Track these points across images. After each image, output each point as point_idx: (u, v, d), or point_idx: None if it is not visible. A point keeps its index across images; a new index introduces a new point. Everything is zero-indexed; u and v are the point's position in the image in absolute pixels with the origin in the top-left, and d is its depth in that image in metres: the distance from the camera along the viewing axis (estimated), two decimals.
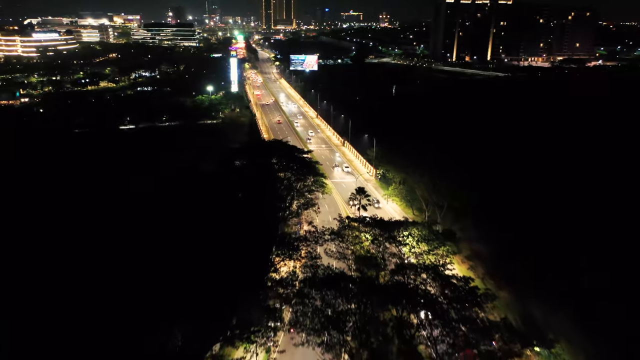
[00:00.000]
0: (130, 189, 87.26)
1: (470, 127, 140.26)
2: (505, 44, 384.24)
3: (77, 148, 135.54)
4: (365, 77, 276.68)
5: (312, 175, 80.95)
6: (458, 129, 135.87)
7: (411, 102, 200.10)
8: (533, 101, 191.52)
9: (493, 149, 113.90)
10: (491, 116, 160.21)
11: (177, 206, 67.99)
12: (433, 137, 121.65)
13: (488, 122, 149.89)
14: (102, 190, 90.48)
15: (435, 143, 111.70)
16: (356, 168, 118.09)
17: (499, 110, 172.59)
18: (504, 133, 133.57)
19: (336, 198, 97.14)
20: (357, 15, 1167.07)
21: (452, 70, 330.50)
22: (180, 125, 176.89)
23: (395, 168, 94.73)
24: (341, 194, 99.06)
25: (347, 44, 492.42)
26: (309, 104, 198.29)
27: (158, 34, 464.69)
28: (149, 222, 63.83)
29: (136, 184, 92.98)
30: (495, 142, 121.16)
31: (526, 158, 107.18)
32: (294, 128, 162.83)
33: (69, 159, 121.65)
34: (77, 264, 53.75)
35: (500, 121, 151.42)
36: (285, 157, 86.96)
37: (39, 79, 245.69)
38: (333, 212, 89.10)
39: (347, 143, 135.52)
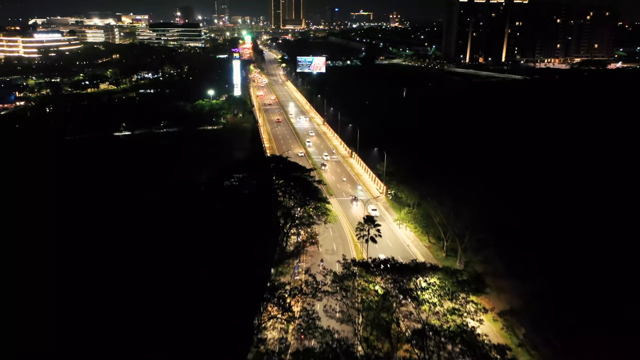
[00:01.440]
0: (101, 213, 77.44)
1: (491, 139, 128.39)
2: (521, 45, 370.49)
3: (63, 159, 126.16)
4: (375, 80, 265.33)
5: (314, 200, 70.19)
6: (477, 140, 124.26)
7: (424, 107, 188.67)
8: (560, 109, 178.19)
9: (519, 165, 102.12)
10: (514, 126, 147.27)
11: (150, 239, 57.77)
12: (449, 151, 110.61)
13: (510, 134, 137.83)
14: (74, 214, 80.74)
15: (453, 159, 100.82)
16: (364, 183, 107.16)
17: (522, 119, 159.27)
18: (529, 146, 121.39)
19: (342, 222, 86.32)
20: (367, 15, 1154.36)
21: (466, 72, 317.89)
22: (179, 132, 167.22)
23: (409, 189, 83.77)
24: (348, 217, 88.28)
25: (357, 45, 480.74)
26: (316, 109, 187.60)
27: (164, 34, 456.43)
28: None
29: (111, 207, 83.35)
30: (521, 158, 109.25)
31: (559, 177, 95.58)
32: (299, 137, 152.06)
33: (49, 172, 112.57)
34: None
35: (525, 132, 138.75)
36: (284, 178, 76.42)
37: (36, 81, 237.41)
38: (338, 239, 78.41)
39: (355, 154, 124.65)
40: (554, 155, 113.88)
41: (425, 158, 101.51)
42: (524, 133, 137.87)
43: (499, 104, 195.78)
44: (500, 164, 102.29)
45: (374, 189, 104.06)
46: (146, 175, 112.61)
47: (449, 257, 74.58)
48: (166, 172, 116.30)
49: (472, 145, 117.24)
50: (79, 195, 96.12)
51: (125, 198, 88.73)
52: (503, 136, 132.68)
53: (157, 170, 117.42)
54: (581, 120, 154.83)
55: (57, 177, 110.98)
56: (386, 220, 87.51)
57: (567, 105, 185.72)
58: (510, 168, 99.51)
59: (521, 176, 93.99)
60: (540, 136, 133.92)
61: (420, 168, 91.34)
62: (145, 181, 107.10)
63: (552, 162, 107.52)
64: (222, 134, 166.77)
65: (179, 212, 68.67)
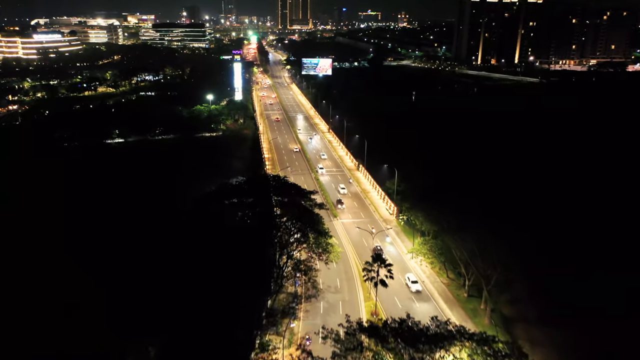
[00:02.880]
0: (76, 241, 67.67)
1: (515, 156, 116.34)
2: (534, 46, 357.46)
3: (45, 170, 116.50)
4: (383, 83, 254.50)
5: (315, 231, 59.60)
6: (499, 158, 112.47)
7: (436, 114, 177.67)
8: (588, 117, 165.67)
9: (549, 191, 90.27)
10: (539, 139, 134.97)
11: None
12: (468, 171, 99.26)
13: (535, 148, 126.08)
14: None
15: (473, 181, 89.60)
16: (373, 202, 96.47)
17: (548, 131, 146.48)
18: (558, 167, 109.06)
19: (347, 249, 75.70)
20: (375, 15, 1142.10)
21: (478, 75, 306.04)
22: (176, 139, 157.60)
23: (423, 215, 72.89)
24: (354, 243, 77.65)
25: (365, 45, 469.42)
26: (321, 115, 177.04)
27: (167, 34, 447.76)
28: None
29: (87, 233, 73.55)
30: (550, 180, 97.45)
31: (596, 206, 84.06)
32: (302, 148, 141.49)
33: (26, 185, 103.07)
34: None
35: (553, 147, 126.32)
36: (282, 204, 66.09)
37: (32, 84, 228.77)
38: (342, 274, 67.81)
39: (362, 167, 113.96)
40: (588, 177, 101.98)
41: (441, 177, 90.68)
42: (552, 148, 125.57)
43: (518, 111, 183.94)
44: (528, 188, 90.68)
45: (383, 208, 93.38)
46: (134, 192, 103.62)
47: (472, 298, 64.09)
48: (158, 185, 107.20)
49: (494, 166, 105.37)
50: (46, 215, 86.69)
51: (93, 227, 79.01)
52: (527, 153, 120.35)
53: (148, 184, 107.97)
54: (614, 131, 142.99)
55: (32, 192, 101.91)
56: (398, 247, 76.93)
57: (594, 111, 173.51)
58: (540, 194, 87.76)
59: (553, 205, 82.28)
60: (570, 153, 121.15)
61: (435, 189, 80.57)
62: (131, 200, 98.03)
63: (587, 186, 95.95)
64: (221, 142, 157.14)
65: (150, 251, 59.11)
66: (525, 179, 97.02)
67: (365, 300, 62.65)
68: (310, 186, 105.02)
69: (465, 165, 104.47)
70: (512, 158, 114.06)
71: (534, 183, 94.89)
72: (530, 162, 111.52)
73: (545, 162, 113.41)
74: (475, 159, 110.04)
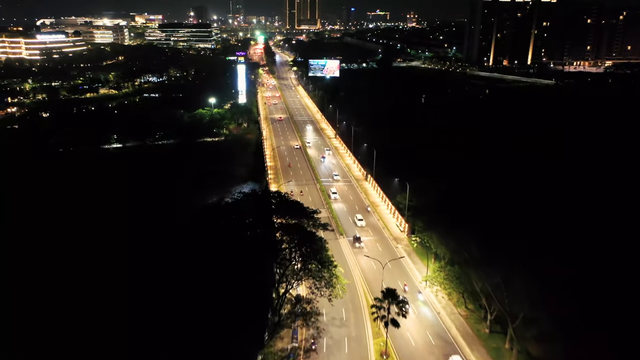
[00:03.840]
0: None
1: (538, 170, 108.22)
2: (548, 47, 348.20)
3: (39, 177, 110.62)
4: (392, 85, 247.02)
5: (318, 261, 52.65)
6: (519, 171, 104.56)
7: (447, 117, 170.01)
8: (615, 122, 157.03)
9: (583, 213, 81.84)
10: (565, 150, 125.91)
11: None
12: (487, 185, 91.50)
13: (557, 152, 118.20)
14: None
15: (493, 199, 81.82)
16: (382, 218, 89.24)
17: (574, 140, 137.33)
18: (589, 184, 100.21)
19: (354, 274, 68.59)
20: (383, 15, 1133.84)
21: (490, 76, 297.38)
22: (176, 145, 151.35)
23: (439, 237, 65.66)
24: (362, 268, 70.52)
25: (373, 46, 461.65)
26: (327, 119, 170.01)
27: (173, 34, 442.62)
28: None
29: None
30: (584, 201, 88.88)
31: None
32: (306, 151, 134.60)
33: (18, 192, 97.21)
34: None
35: (581, 160, 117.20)
36: (283, 227, 59.18)
37: (32, 85, 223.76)
38: (349, 304, 60.67)
39: (370, 178, 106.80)
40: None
41: (455, 190, 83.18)
42: (580, 162, 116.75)
43: (536, 113, 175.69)
44: (559, 209, 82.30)
45: (393, 224, 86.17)
46: (128, 204, 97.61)
47: (494, 334, 56.81)
48: (155, 196, 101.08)
49: (516, 176, 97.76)
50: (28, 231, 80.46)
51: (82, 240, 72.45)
52: (554, 166, 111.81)
53: (145, 194, 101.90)
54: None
55: (23, 199, 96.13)
56: (410, 271, 69.71)
57: (621, 117, 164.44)
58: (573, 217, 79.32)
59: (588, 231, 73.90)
60: (604, 167, 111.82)
61: (450, 205, 73.20)
62: (124, 213, 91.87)
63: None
64: (223, 147, 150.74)
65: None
66: (553, 195, 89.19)
67: (374, 336, 55.61)
68: (315, 199, 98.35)
69: (483, 174, 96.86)
70: (537, 169, 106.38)
71: (566, 200, 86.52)
72: (558, 172, 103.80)
73: (574, 170, 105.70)
74: (494, 168, 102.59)
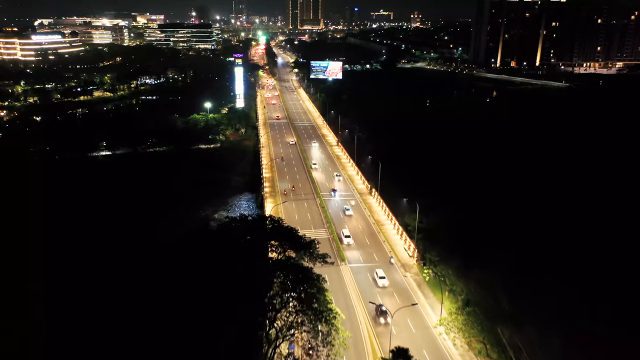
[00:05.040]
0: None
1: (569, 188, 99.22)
2: (557, 48, 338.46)
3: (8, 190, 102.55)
4: (397, 87, 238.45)
5: (314, 312, 43.89)
6: (545, 190, 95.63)
7: (453, 122, 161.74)
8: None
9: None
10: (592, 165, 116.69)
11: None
12: (506, 205, 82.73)
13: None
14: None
15: (515, 225, 73.13)
16: (388, 239, 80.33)
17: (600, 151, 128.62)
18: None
19: (357, 309, 59.82)
20: (387, 15, 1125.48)
21: (498, 78, 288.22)
22: (169, 152, 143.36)
23: (455, 272, 56.99)
24: (366, 302, 61.70)
25: (377, 47, 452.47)
26: (329, 124, 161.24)
27: (173, 35, 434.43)
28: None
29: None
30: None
31: None
32: (306, 163, 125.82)
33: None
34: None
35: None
36: (276, 265, 50.50)
37: (24, 88, 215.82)
38: (350, 349, 51.95)
39: (375, 192, 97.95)
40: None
41: (470, 211, 74.54)
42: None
43: (552, 120, 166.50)
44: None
45: (400, 247, 77.27)
46: (113, 218, 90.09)
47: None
48: (143, 209, 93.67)
49: (542, 203, 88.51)
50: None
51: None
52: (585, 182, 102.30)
53: (132, 208, 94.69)
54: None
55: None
56: (422, 308, 60.81)
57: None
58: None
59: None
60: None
61: (466, 230, 64.59)
62: (107, 229, 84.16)
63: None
64: (219, 155, 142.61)
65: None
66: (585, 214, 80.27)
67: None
68: (314, 216, 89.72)
69: (498, 189, 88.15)
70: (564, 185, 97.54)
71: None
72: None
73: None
74: (511, 181, 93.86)
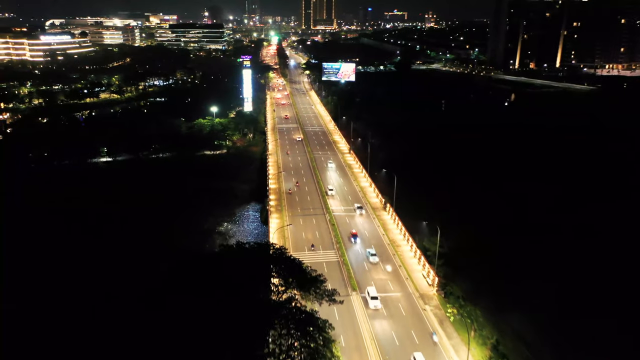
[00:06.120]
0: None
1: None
2: (578, 49, 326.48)
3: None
4: (412, 89, 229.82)
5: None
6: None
7: (472, 127, 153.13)
8: None
9: None
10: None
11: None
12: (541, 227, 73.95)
13: None
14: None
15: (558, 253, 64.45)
16: (405, 263, 72.25)
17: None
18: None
19: (369, 351, 51.93)
20: (401, 15, 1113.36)
21: (517, 80, 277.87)
22: (172, 158, 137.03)
23: (483, 313, 48.87)
24: (381, 346, 53.70)
25: (391, 47, 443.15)
26: (341, 129, 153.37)
27: (183, 35, 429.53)
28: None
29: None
30: None
31: None
32: (313, 166, 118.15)
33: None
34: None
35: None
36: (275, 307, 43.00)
37: (29, 90, 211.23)
38: None
39: (390, 208, 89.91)
40: None
41: (500, 232, 66.22)
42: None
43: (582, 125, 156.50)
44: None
45: (418, 274, 69.13)
46: (106, 231, 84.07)
47: None
48: (141, 221, 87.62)
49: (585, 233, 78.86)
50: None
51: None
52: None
53: (129, 219, 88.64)
54: None
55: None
56: (443, 347, 52.76)
57: None
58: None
59: None
60: None
61: (495, 258, 56.42)
62: (98, 244, 77.98)
63: None
64: (225, 161, 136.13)
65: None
66: None
67: None
68: (323, 233, 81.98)
69: (526, 206, 79.60)
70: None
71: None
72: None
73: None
74: (541, 200, 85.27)
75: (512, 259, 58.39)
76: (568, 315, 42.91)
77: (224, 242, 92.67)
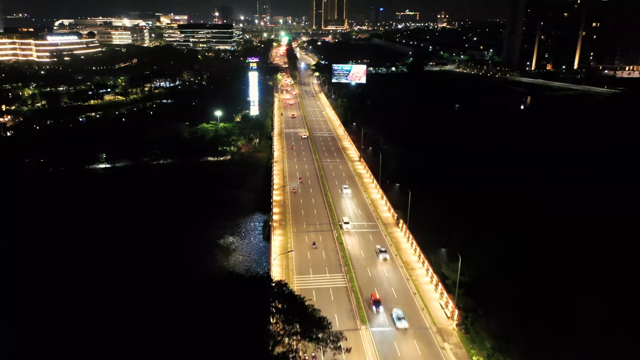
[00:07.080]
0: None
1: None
2: (597, 50, 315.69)
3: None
4: (424, 91, 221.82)
5: None
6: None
7: (489, 133, 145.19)
8: None
9: None
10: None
11: None
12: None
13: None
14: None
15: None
16: (420, 291, 65.03)
17: None
18: None
19: None
20: (413, 15, 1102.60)
21: (533, 83, 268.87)
22: (174, 165, 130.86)
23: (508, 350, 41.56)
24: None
25: (403, 48, 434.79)
26: (351, 135, 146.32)
27: (192, 35, 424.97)
28: None
29: None
30: None
31: None
32: (321, 176, 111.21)
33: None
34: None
35: None
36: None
37: (32, 91, 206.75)
38: None
39: (403, 224, 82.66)
40: None
41: (530, 252, 58.80)
42: None
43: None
44: None
45: (435, 304, 61.93)
46: (99, 246, 78.29)
47: None
48: (137, 235, 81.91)
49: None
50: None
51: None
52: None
53: (124, 232, 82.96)
54: None
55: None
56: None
57: None
58: None
59: None
60: None
61: (525, 282, 49.02)
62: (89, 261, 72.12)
63: None
64: (229, 168, 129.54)
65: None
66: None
67: None
68: (330, 252, 74.99)
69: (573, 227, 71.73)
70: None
71: None
72: None
73: None
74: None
75: (548, 283, 50.96)
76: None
77: (226, 259, 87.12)
